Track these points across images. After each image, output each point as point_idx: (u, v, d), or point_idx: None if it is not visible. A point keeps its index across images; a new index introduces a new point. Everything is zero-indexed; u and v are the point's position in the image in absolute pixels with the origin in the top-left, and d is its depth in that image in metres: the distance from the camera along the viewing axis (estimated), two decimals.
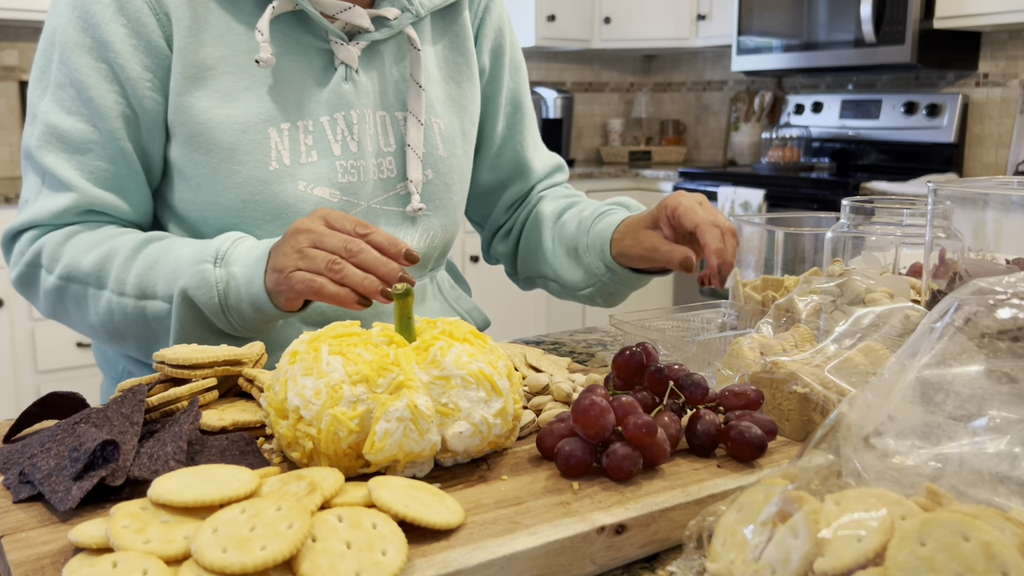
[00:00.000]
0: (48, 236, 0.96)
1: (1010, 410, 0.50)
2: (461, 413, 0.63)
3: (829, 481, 0.50)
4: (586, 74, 4.71)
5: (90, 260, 0.93)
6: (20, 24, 3.38)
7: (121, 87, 0.94)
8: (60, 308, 0.98)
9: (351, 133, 1.00)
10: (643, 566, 0.58)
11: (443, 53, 1.09)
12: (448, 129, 1.08)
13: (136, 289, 0.91)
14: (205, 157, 0.95)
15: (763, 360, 0.75)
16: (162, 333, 0.93)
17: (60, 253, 0.95)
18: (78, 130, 0.94)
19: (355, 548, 0.49)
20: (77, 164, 0.95)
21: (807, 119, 3.94)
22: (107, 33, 0.92)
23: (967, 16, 3.06)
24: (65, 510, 0.56)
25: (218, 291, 0.88)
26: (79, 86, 0.94)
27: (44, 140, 0.95)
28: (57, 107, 0.95)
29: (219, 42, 0.95)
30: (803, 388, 0.71)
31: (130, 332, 0.94)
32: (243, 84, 0.95)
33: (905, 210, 0.96)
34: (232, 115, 0.95)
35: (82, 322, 0.97)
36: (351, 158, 1.00)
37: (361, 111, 1.00)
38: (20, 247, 0.98)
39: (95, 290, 0.94)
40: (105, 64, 0.93)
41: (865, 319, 0.75)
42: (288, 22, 0.97)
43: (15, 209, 2.89)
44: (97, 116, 0.94)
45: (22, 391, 2.99)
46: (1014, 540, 0.41)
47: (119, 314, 0.93)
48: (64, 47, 0.94)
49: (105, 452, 0.59)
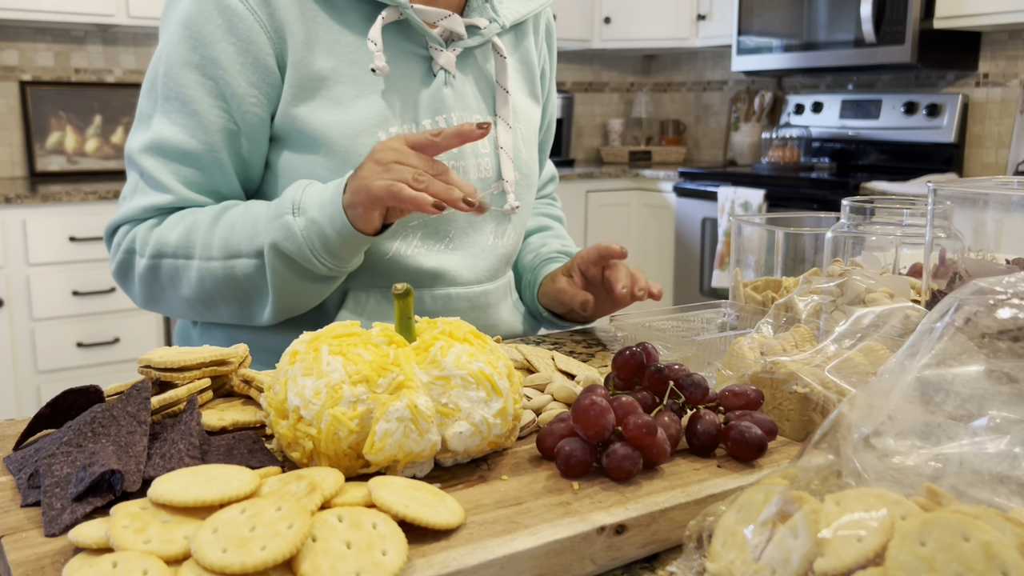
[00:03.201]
0: (139, 226, 1.04)
1: (1010, 410, 0.50)
2: (461, 413, 0.63)
3: (829, 481, 0.50)
4: (586, 74, 4.71)
5: (175, 235, 1.00)
6: (20, 24, 3.38)
7: (225, 102, 1.00)
8: (155, 288, 1.04)
9: None
10: (643, 566, 0.58)
11: (517, 66, 1.19)
12: (527, 134, 1.18)
13: (222, 251, 0.98)
14: (324, 159, 1.01)
15: (763, 360, 0.75)
16: (252, 291, 0.99)
17: (149, 238, 1.02)
18: (178, 140, 1.01)
19: (355, 548, 0.49)
20: (174, 171, 1.02)
21: (807, 119, 3.94)
22: (216, 52, 0.99)
23: (967, 16, 3.06)
24: (48, 535, 0.54)
25: (304, 237, 0.93)
26: (183, 99, 1.00)
27: (147, 146, 1.02)
28: (164, 118, 1.01)
29: (330, 54, 1.01)
30: (803, 388, 0.71)
31: (222, 296, 1.00)
32: (354, 92, 1.02)
33: (905, 210, 0.96)
34: (346, 121, 1.01)
35: (177, 298, 1.03)
36: (452, 159, 1.06)
37: (460, 114, 1.08)
38: (117, 239, 1.06)
39: (184, 261, 1.00)
40: (211, 80, 1.00)
41: (865, 319, 0.75)
42: (391, 31, 1.04)
43: (15, 209, 2.89)
44: (199, 129, 1.00)
45: (22, 391, 2.99)
46: (1014, 540, 0.41)
47: (210, 279, 0.99)
48: (172, 63, 1.00)
49: (112, 478, 0.58)
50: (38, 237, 2.94)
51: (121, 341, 3.14)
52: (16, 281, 2.93)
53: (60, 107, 3.53)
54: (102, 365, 3.12)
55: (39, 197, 2.93)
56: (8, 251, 2.91)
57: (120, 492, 0.58)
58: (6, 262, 2.91)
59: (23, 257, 2.94)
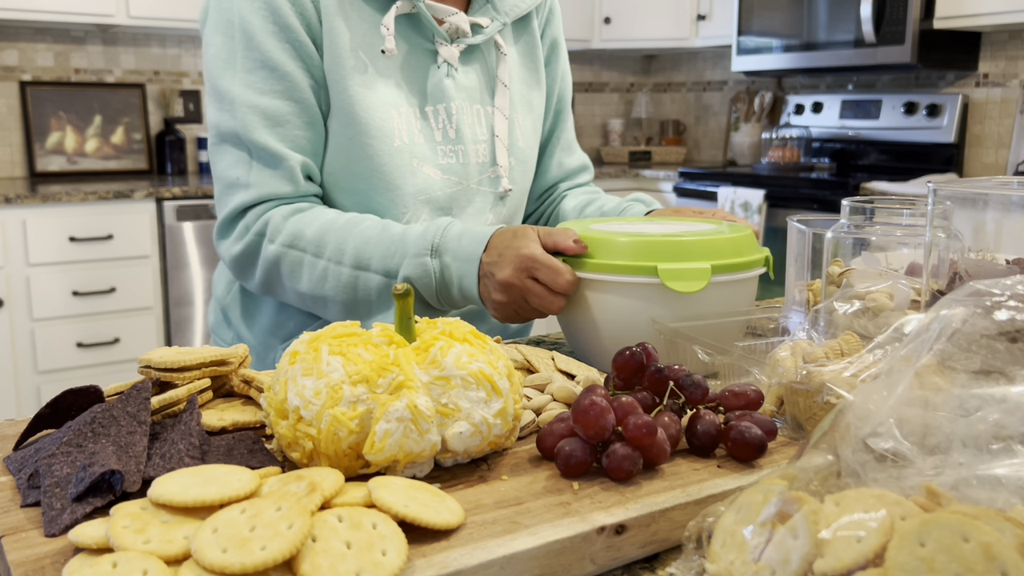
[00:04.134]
0: (275, 210, 1.08)
1: (1009, 411, 0.50)
2: (461, 413, 0.63)
3: (828, 482, 0.50)
4: (586, 74, 4.71)
5: (312, 231, 1.06)
6: (20, 24, 3.38)
7: (305, 63, 1.08)
8: (275, 275, 1.09)
9: (450, 122, 1.15)
10: (643, 566, 0.58)
11: (519, 58, 1.25)
12: (525, 123, 1.25)
13: (353, 260, 1.04)
14: (345, 128, 1.09)
15: (797, 369, 0.74)
16: (368, 301, 1.06)
17: (283, 226, 1.07)
18: (275, 106, 1.07)
19: (355, 548, 0.49)
20: (280, 136, 1.07)
21: (807, 119, 3.94)
22: (286, 18, 1.06)
23: (967, 16, 3.06)
24: (48, 535, 0.55)
25: (435, 279, 1.01)
26: (271, 66, 1.06)
27: (247, 120, 1.07)
28: (250, 89, 1.07)
29: (356, 30, 1.10)
30: (835, 399, 0.70)
31: (337, 298, 1.06)
32: (373, 70, 1.10)
33: (905, 210, 0.96)
34: (366, 95, 1.09)
35: (291, 289, 1.09)
36: (450, 143, 1.15)
37: (459, 104, 1.16)
38: (246, 222, 1.09)
39: (312, 258, 1.06)
40: (289, 45, 1.07)
41: (907, 326, 0.73)
42: (403, 24, 1.13)
43: (15, 209, 2.89)
44: (293, 89, 1.07)
45: (22, 391, 2.99)
46: (1014, 541, 0.41)
47: (332, 280, 1.06)
48: (250, 35, 1.07)
49: (112, 478, 0.59)
50: (38, 237, 2.94)
51: (121, 341, 3.14)
52: (16, 281, 2.93)
53: (60, 107, 3.53)
54: (102, 365, 3.12)
55: (39, 197, 2.93)
56: (8, 251, 2.91)
57: (120, 492, 0.58)
58: (6, 262, 2.91)
59: (23, 257, 2.94)
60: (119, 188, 3.10)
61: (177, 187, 3.18)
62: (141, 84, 3.68)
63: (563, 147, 1.37)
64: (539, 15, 1.29)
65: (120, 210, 3.08)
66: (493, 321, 1.25)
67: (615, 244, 0.93)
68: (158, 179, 3.51)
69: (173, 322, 3.24)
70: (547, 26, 1.31)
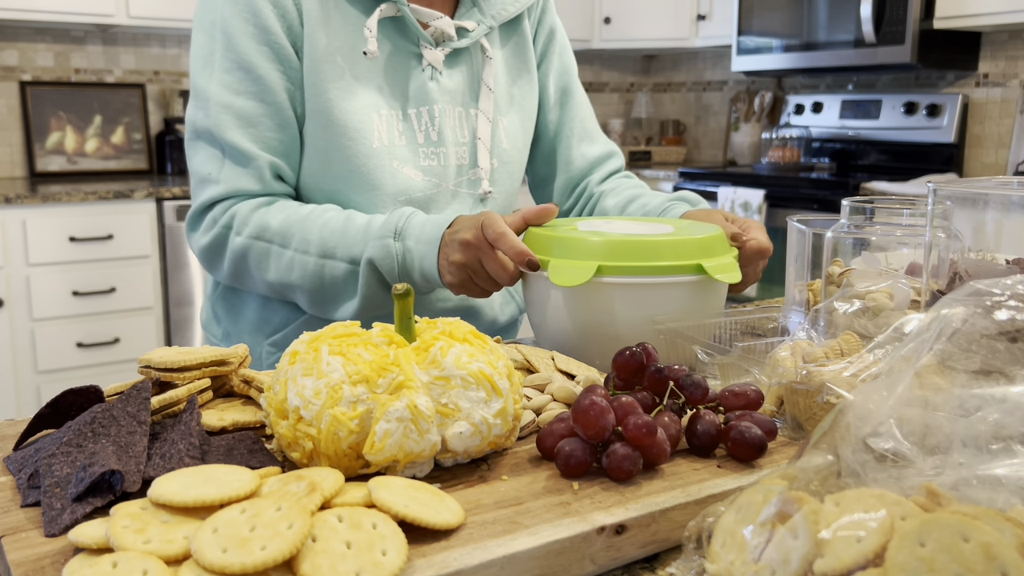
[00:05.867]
0: (241, 204, 1.10)
1: (1009, 411, 0.50)
2: (461, 413, 0.63)
3: (828, 482, 0.50)
4: (586, 74, 4.71)
5: (277, 222, 1.08)
6: (20, 24, 3.38)
7: (282, 65, 1.09)
8: (243, 266, 1.11)
9: (433, 125, 1.16)
10: (643, 566, 0.58)
11: (508, 59, 1.25)
12: (511, 125, 1.24)
13: (319, 249, 1.06)
14: (323, 131, 1.10)
15: (797, 369, 0.74)
16: (335, 290, 1.08)
17: (250, 219, 1.09)
18: (248, 107, 1.08)
19: (355, 548, 0.49)
20: (252, 136, 1.09)
21: (807, 119, 3.94)
22: (266, 20, 1.08)
23: (967, 16, 3.06)
24: (48, 535, 0.55)
25: (398, 262, 1.03)
26: (247, 67, 1.08)
27: (220, 119, 1.08)
28: (225, 89, 1.08)
29: (338, 34, 1.10)
30: (835, 399, 0.70)
31: (304, 286, 1.08)
32: (353, 73, 1.11)
33: (905, 210, 0.96)
34: (345, 97, 1.10)
35: (259, 279, 1.11)
36: (432, 146, 1.16)
37: (442, 106, 1.16)
38: (214, 215, 1.11)
39: (279, 248, 1.08)
40: (267, 47, 1.08)
41: (907, 326, 0.73)
42: (388, 26, 1.13)
43: (15, 209, 2.89)
44: (267, 91, 1.08)
45: (22, 391, 2.99)
46: (1014, 541, 0.41)
47: (299, 270, 1.07)
48: (230, 36, 1.08)
49: (112, 478, 0.59)
50: (38, 237, 2.94)
51: (121, 341, 3.14)
52: (16, 281, 2.93)
53: (60, 107, 3.53)
54: (102, 365, 3.12)
55: (39, 197, 2.93)
56: (8, 251, 2.91)
57: (120, 492, 0.58)
58: (6, 262, 2.91)
59: (23, 257, 2.94)
60: (119, 188, 3.10)
61: (177, 187, 3.18)
62: (141, 84, 3.68)
63: (580, 136, 1.33)
64: (531, 16, 1.28)
65: (120, 210, 3.08)
66: (493, 321, 1.25)
67: (565, 241, 0.95)
68: (158, 179, 3.51)
69: (173, 322, 3.24)
70: (541, 20, 1.30)
